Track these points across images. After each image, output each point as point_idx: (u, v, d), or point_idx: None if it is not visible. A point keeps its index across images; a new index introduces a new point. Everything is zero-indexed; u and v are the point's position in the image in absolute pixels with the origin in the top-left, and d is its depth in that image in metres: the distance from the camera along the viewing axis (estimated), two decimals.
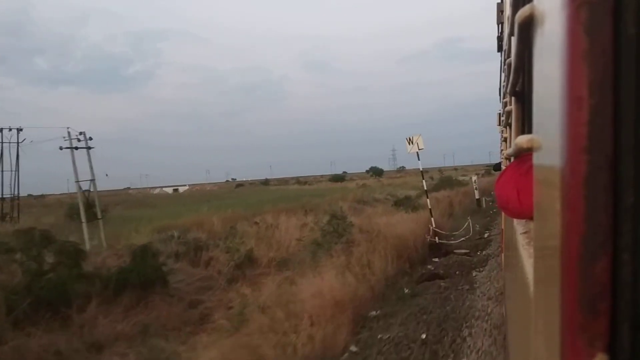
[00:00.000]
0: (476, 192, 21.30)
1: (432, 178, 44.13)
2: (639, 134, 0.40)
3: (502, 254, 5.29)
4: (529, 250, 1.06)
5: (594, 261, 0.41)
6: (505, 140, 4.38)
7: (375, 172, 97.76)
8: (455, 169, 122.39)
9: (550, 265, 0.52)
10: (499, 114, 7.64)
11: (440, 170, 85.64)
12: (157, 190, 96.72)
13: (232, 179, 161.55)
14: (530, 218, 0.96)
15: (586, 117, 0.41)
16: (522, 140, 1.07)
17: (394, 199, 23.84)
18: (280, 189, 59.03)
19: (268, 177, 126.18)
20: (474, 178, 22.10)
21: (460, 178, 46.44)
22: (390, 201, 23.66)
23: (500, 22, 5.16)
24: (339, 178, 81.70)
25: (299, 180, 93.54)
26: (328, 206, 19.45)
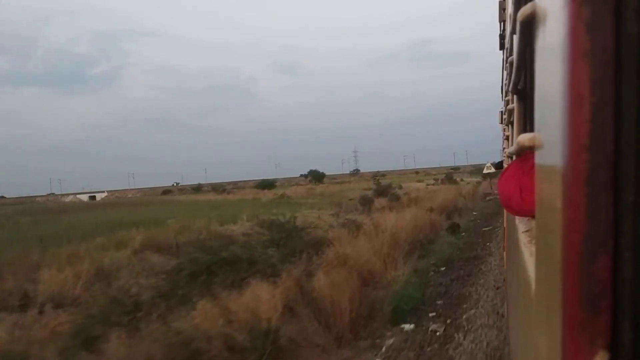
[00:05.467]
0: None
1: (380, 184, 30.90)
2: (639, 132, 0.41)
3: (504, 252, 5.28)
4: (531, 249, 1.06)
5: (595, 259, 0.41)
6: (507, 138, 4.37)
7: (315, 176, 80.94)
8: (417, 172, 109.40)
9: (551, 263, 0.52)
10: (501, 111, 7.62)
11: (376, 176, 62.85)
12: (69, 198, 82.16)
13: (176, 183, 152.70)
14: (533, 216, 0.96)
15: (587, 115, 0.41)
16: (524, 138, 1.07)
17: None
18: (174, 201, 44.95)
19: (202, 182, 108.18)
20: None
21: (416, 185, 33.05)
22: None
23: (502, 20, 5.15)
24: (267, 184, 65.89)
25: (214, 188, 72.90)
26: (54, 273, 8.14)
